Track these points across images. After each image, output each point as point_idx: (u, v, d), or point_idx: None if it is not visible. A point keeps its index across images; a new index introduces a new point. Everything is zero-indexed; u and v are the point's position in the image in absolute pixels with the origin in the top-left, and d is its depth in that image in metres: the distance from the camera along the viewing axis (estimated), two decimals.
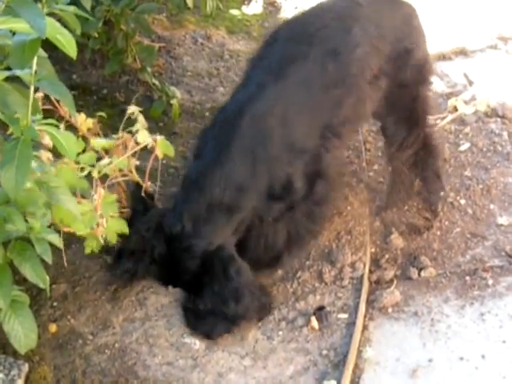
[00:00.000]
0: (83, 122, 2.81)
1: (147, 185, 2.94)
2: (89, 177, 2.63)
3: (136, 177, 2.81)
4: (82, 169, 2.60)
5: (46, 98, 2.52)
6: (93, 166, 2.62)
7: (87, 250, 2.81)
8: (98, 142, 2.73)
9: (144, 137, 2.81)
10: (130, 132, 2.82)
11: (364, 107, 3.06)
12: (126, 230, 2.82)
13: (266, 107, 2.82)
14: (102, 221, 2.67)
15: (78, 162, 2.58)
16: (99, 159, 2.74)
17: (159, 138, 2.84)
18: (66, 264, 2.70)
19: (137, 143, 2.81)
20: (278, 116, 2.83)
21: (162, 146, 2.85)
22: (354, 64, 2.93)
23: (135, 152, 2.82)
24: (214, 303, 2.76)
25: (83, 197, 2.60)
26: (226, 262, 2.78)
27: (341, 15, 3.02)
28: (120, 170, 2.69)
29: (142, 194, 2.90)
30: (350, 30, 2.95)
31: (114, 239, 2.78)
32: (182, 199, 2.85)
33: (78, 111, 2.76)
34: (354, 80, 2.95)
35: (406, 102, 3.21)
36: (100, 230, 2.70)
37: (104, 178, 2.74)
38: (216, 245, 2.80)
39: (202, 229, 2.79)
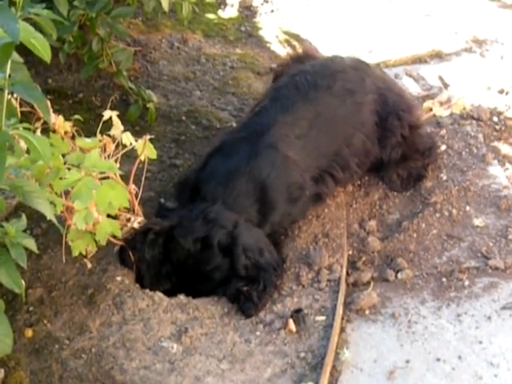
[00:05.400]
0: (61, 124, 2.79)
1: (131, 188, 2.92)
2: None
3: (119, 180, 2.79)
4: (68, 169, 2.57)
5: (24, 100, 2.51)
6: (78, 166, 2.59)
7: (75, 253, 2.79)
8: (84, 142, 2.71)
9: (128, 139, 2.80)
10: (109, 136, 2.81)
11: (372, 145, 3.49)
12: (118, 232, 2.81)
13: (294, 119, 3.30)
14: (97, 218, 2.67)
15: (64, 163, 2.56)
16: None
17: (147, 138, 2.83)
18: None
19: (123, 146, 2.79)
20: (302, 127, 3.30)
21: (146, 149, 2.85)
22: (365, 105, 3.45)
23: (117, 155, 2.81)
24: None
25: None
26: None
27: (355, 66, 3.60)
28: (103, 173, 2.66)
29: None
30: (363, 79, 3.52)
31: (104, 240, 2.77)
32: (211, 188, 3.14)
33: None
34: (365, 118, 3.45)
35: None
36: (94, 228, 2.70)
37: None
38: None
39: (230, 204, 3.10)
